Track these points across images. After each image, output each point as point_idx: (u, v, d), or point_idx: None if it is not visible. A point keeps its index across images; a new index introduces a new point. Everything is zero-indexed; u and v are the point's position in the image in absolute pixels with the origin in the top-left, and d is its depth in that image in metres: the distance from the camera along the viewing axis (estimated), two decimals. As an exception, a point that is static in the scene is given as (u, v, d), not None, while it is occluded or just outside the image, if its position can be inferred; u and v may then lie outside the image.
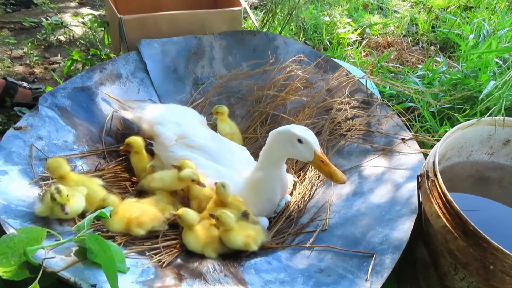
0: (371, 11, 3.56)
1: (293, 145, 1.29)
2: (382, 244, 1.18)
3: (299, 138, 1.28)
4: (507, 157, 1.47)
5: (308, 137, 1.28)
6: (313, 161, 1.30)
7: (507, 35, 2.52)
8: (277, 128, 1.36)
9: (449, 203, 1.07)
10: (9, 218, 1.14)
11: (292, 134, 1.29)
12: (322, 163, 1.28)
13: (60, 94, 1.65)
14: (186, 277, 1.14)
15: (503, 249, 0.96)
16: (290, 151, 1.32)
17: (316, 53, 1.98)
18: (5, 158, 1.35)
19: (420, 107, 2.00)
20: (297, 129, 1.31)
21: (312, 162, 1.31)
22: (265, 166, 1.40)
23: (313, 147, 1.28)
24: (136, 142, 1.53)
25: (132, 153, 1.56)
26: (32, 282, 0.94)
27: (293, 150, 1.31)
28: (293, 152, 1.32)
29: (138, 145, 1.54)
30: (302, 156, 1.31)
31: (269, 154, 1.37)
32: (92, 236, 1.01)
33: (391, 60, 2.77)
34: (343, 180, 1.28)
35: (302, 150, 1.29)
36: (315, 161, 1.30)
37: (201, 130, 1.61)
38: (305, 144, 1.28)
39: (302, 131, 1.30)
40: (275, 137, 1.34)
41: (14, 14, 3.17)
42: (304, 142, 1.28)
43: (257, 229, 1.32)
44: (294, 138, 1.28)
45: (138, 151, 1.55)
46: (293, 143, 1.29)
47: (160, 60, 1.94)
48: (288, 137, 1.30)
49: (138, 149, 1.54)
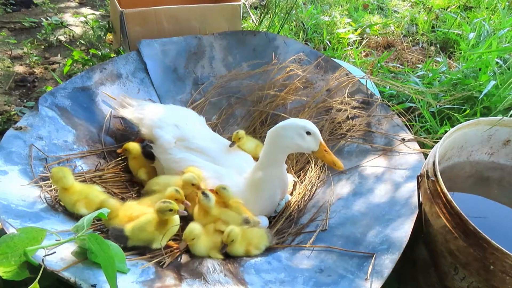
0: (371, 11, 3.56)
1: (301, 137, 1.35)
2: (382, 244, 1.18)
3: (308, 131, 1.34)
4: (507, 157, 1.47)
5: (315, 129, 1.36)
6: (318, 151, 1.38)
7: (507, 35, 2.52)
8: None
9: (449, 203, 1.07)
10: (9, 218, 1.14)
11: (301, 126, 1.35)
12: (326, 152, 1.37)
13: (60, 94, 1.65)
14: (186, 277, 1.14)
15: (503, 249, 0.96)
16: (298, 143, 1.36)
17: (316, 53, 1.98)
18: (5, 158, 1.35)
19: (420, 107, 2.00)
20: (302, 121, 1.37)
21: (316, 152, 1.38)
22: (265, 165, 1.41)
23: (319, 138, 1.36)
24: (134, 148, 1.58)
25: (130, 158, 1.60)
26: (32, 282, 0.94)
27: (301, 142, 1.36)
28: (301, 144, 1.36)
29: (136, 151, 1.58)
30: (308, 147, 1.37)
31: (270, 152, 1.39)
32: (92, 236, 1.01)
33: (391, 60, 2.77)
34: (343, 166, 1.39)
35: (309, 142, 1.36)
36: (319, 151, 1.37)
37: (201, 131, 1.61)
38: (313, 135, 1.35)
39: (308, 123, 1.37)
40: (280, 132, 1.36)
41: (14, 14, 3.17)
42: (312, 134, 1.35)
43: (261, 234, 1.33)
44: (303, 130, 1.35)
45: (136, 156, 1.59)
46: (301, 135, 1.35)
47: (160, 60, 1.94)
48: (296, 130, 1.35)
49: (135, 155, 1.59)
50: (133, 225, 1.23)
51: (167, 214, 1.22)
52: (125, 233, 1.21)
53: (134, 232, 1.22)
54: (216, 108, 1.98)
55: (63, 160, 1.50)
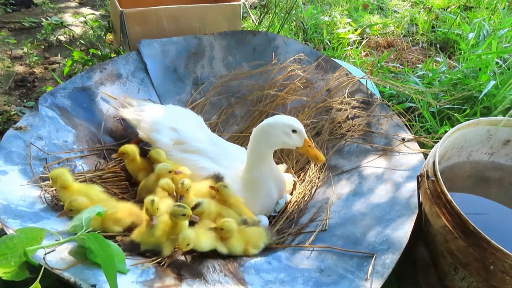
0: (371, 11, 3.56)
1: (288, 135, 1.38)
2: (382, 244, 1.18)
3: (294, 129, 1.38)
4: (507, 157, 1.47)
5: (300, 127, 1.39)
6: (302, 147, 1.41)
7: (507, 35, 2.52)
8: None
9: (449, 203, 1.07)
10: (9, 218, 1.14)
11: (287, 125, 1.38)
12: (310, 147, 1.41)
13: (60, 94, 1.65)
14: (186, 277, 1.14)
15: (503, 249, 0.96)
16: (284, 141, 1.40)
17: (316, 53, 1.98)
18: (5, 158, 1.35)
19: (420, 107, 1.99)
20: (289, 120, 1.40)
21: (301, 148, 1.42)
22: (254, 164, 1.43)
23: (304, 135, 1.40)
24: (131, 151, 1.54)
25: (128, 160, 1.56)
26: (32, 282, 0.94)
27: (287, 140, 1.39)
28: (287, 141, 1.40)
29: (133, 153, 1.55)
30: (294, 144, 1.41)
31: (256, 150, 1.41)
32: (92, 235, 1.01)
33: (391, 60, 2.77)
34: (324, 159, 1.44)
35: (295, 139, 1.39)
36: (304, 147, 1.41)
37: (199, 133, 1.61)
38: (298, 133, 1.39)
39: (294, 121, 1.40)
40: (266, 129, 1.39)
41: (14, 14, 3.17)
42: (298, 131, 1.38)
43: (259, 232, 1.32)
44: (289, 128, 1.38)
45: (133, 158, 1.55)
46: (287, 133, 1.38)
47: (160, 60, 1.94)
48: (282, 128, 1.38)
49: (133, 157, 1.55)
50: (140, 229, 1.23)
51: (180, 218, 1.22)
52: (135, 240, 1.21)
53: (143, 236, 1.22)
54: (216, 108, 1.98)
55: (63, 160, 1.50)
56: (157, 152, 1.49)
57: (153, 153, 1.50)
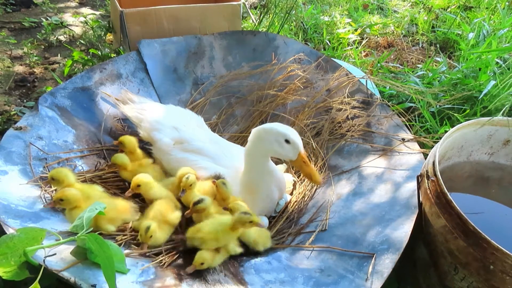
0: (371, 11, 3.56)
1: (279, 144, 1.30)
2: (382, 244, 1.18)
3: (287, 139, 1.29)
4: (507, 157, 1.47)
5: (295, 138, 1.29)
6: (296, 161, 1.31)
7: (507, 35, 2.52)
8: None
9: (449, 203, 1.07)
10: (9, 218, 1.14)
11: (280, 133, 1.29)
12: (304, 163, 1.30)
13: (60, 94, 1.65)
14: (186, 277, 1.14)
15: (503, 249, 0.96)
16: (275, 149, 1.31)
17: (316, 53, 1.98)
18: (5, 158, 1.35)
19: (420, 107, 1.99)
20: (284, 128, 1.31)
21: (294, 162, 1.33)
22: (252, 166, 1.40)
23: (299, 148, 1.29)
24: (130, 142, 1.50)
25: (126, 153, 1.51)
26: (32, 282, 0.94)
27: (279, 149, 1.31)
28: (278, 151, 1.31)
29: (132, 145, 1.51)
30: (286, 155, 1.32)
31: (253, 152, 1.37)
32: (92, 235, 1.02)
33: (391, 60, 2.77)
34: (320, 181, 1.32)
35: (287, 150, 1.30)
36: (297, 161, 1.31)
37: (199, 132, 1.61)
38: (292, 145, 1.29)
39: (290, 131, 1.30)
40: (261, 134, 1.33)
41: (14, 14, 3.17)
42: (292, 143, 1.29)
43: (267, 235, 1.35)
44: (282, 137, 1.29)
45: (132, 151, 1.51)
46: (279, 142, 1.30)
47: (160, 60, 1.94)
48: (275, 136, 1.30)
49: (131, 149, 1.51)
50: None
51: (247, 225, 1.21)
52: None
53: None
54: (216, 108, 1.98)
55: (63, 160, 1.50)
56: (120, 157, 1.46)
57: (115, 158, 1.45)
